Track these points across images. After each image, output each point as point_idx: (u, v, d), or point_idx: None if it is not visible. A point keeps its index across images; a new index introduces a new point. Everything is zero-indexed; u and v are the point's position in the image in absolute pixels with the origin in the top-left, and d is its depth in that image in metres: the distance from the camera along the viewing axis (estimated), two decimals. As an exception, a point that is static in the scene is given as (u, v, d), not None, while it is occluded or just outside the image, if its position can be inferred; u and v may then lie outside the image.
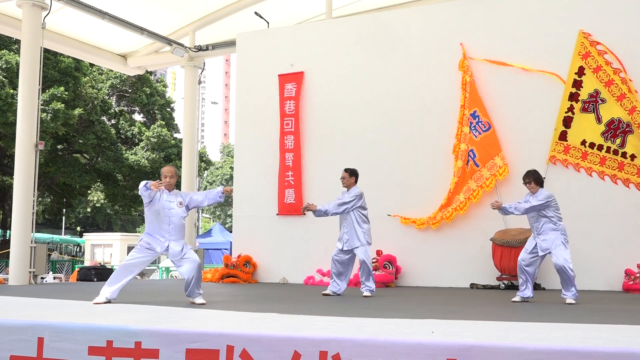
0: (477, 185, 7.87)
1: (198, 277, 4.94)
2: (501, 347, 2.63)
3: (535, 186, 5.51)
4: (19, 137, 8.69)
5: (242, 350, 2.92)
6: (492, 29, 8.15)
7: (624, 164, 7.32)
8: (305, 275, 8.60)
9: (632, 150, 7.31)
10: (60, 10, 9.85)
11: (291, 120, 9.07)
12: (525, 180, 5.58)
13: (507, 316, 4.24)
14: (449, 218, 7.92)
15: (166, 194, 5.09)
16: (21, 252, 8.40)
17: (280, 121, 9.16)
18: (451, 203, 7.92)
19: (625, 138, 7.34)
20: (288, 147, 9.05)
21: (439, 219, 7.95)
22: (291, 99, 9.11)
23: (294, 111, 9.07)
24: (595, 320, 4.01)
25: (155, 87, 21.50)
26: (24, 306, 4.78)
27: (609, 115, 7.41)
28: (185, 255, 4.96)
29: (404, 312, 4.53)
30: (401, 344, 2.75)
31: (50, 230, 28.60)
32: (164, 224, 5.01)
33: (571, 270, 5.24)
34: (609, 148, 7.40)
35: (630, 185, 7.32)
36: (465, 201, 7.87)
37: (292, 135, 9.04)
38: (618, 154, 7.35)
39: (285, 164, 9.03)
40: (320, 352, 2.82)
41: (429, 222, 8.03)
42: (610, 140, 7.38)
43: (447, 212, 7.92)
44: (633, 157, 7.31)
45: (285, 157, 9.05)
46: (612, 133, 7.39)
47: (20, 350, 3.31)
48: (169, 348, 3.04)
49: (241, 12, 10.80)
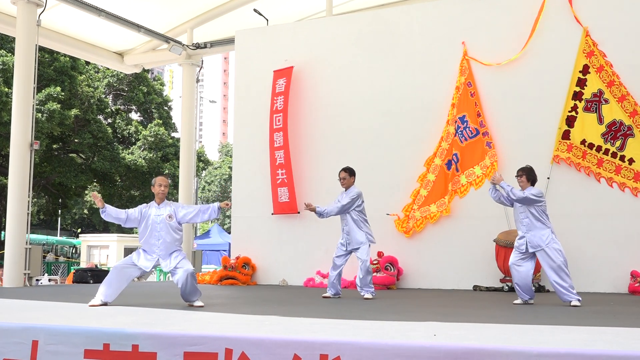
0: (452, 190, 7.86)
1: (192, 284, 4.80)
2: (504, 350, 2.59)
3: (526, 182, 5.46)
4: (14, 136, 8.62)
5: (240, 353, 2.88)
6: (495, 26, 8.10)
7: (621, 168, 7.25)
8: (305, 277, 8.54)
9: (630, 154, 7.23)
10: (55, 7, 9.78)
11: (280, 116, 8.90)
12: (518, 173, 5.52)
13: (511, 319, 4.19)
14: (419, 227, 7.96)
15: (155, 207, 4.93)
16: (16, 254, 8.32)
17: (270, 118, 9.02)
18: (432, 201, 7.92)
19: (625, 141, 7.27)
20: (278, 144, 8.87)
21: (412, 227, 7.98)
22: (280, 95, 8.99)
23: (283, 106, 8.91)
24: (600, 322, 3.98)
25: (152, 85, 21.44)
26: (19, 308, 4.73)
27: (611, 116, 7.35)
28: (177, 266, 4.82)
29: (406, 314, 4.48)
30: (403, 346, 2.71)
31: (45, 231, 28.47)
32: (152, 238, 4.88)
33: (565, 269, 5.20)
34: (607, 150, 7.34)
35: (626, 189, 7.23)
36: (438, 213, 7.88)
37: (282, 131, 8.84)
38: (616, 157, 7.28)
39: (276, 162, 8.88)
40: (320, 355, 2.78)
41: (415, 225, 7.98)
42: (610, 142, 7.32)
43: (419, 220, 7.95)
44: (631, 162, 7.23)
45: (275, 154, 8.89)
46: (612, 135, 7.33)
47: (14, 353, 3.25)
48: (166, 351, 2.99)
49: (240, 9, 10.74)
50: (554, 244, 5.27)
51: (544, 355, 2.52)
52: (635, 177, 7.21)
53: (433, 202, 7.93)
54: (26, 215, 8.47)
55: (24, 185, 8.49)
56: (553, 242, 5.27)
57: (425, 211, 7.94)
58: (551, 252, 5.24)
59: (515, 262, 5.42)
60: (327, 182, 8.23)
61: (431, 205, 7.94)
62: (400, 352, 2.69)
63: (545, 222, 5.34)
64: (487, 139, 7.88)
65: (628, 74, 7.36)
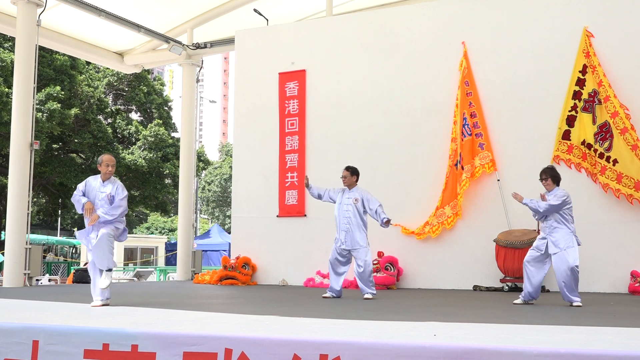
0: (460, 189, 7.85)
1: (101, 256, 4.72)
2: (504, 350, 2.58)
3: (552, 184, 5.34)
4: (14, 136, 8.61)
5: (240, 353, 2.87)
6: (496, 26, 8.10)
7: (606, 169, 7.23)
8: (305, 277, 8.53)
9: (615, 155, 7.21)
10: (55, 7, 9.78)
11: (295, 120, 8.97)
12: (541, 176, 5.37)
13: (511, 319, 4.18)
14: (435, 232, 7.91)
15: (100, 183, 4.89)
16: (16, 254, 8.31)
17: (280, 121, 9.07)
18: (446, 203, 7.89)
19: (612, 142, 7.25)
20: (292, 148, 8.94)
21: (427, 232, 7.96)
22: (294, 98, 9.02)
23: (298, 110, 8.97)
24: (600, 322, 3.96)
25: (152, 85, 21.41)
26: (19, 308, 4.72)
27: (603, 117, 7.34)
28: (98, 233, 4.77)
29: (406, 314, 4.47)
30: (403, 346, 2.70)
31: (45, 231, 28.46)
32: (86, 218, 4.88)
33: (578, 273, 5.17)
34: (595, 150, 7.34)
35: (608, 190, 7.22)
36: (453, 216, 7.85)
37: (297, 135, 8.94)
38: (603, 158, 7.27)
39: (286, 165, 8.93)
40: (320, 355, 2.77)
41: (430, 231, 7.97)
42: (599, 142, 7.31)
43: (435, 226, 7.92)
44: (615, 162, 7.21)
45: (286, 158, 8.96)
46: (602, 136, 7.32)
47: (15, 353, 3.25)
48: (166, 351, 2.98)
49: (240, 9, 10.73)
50: (573, 246, 5.20)
51: (544, 355, 2.51)
52: (618, 178, 7.18)
53: (447, 203, 7.90)
54: (26, 215, 8.46)
55: (24, 185, 8.48)
56: (572, 245, 5.20)
57: (441, 215, 7.91)
58: (568, 255, 5.17)
59: (529, 261, 5.37)
60: (327, 182, 8.21)
61: (445, 208, 7.90)
62: (400, 352, 2.68)
63: (568, 224, 5.25)
64: (481, 140, 7.88)
65: (628, 74, 7.34)
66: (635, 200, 7.14)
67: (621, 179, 7.18)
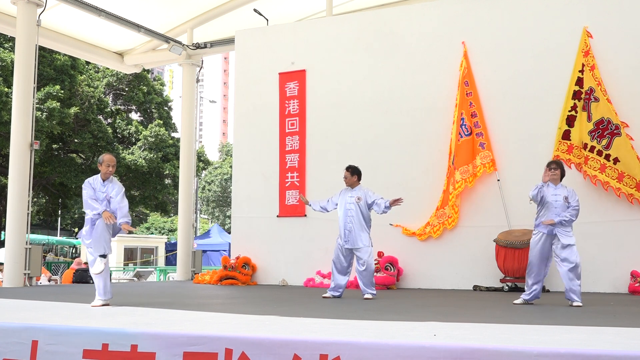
0: (453, 188, 7.84)
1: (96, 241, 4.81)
2: (504, 350, 2.58)
3: (559, 178, 5.36)
4: (14, 136, 8.61)
5: (240, 353, 2.86)
6: (496, 26, 8.09)
7: (606, 166, 7.20)
8: (305, 277, 8.53)
9: (616, 154, 7.18)
10: (55, 7, 9.78)
11: (295, 120, 8.98)
12: (551, 166, 5.34)
13: (511, 319, 4.18)
14: (436, 233, 7.92)
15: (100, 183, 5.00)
16: (16, 254, 8.30)
17: (280, 121, 9.07)
18: (446, 203, 7.89)
19: (612, 140, 7.22)
20: (292, 148, 8.94)
21: (429, 232, 7.96)
22: (294, 98, 9.02)
23: (298, 110, 8.97)
24: (600, 322, 3.96)
25: (152, 85, 21.41)
26: (18, 308, 4.72)
27: (599, 114, 7.30)
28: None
29: (406, 314, 4.46)
30: (403, 346, 2.70)
31: (45, 231, 28.46)
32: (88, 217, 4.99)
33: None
34: (593, 147, 7.29)
35: (609, 189, 7.20)
36: (454, 216, 7.85)
37: (297, 135, 8.94)
38: (602, 155, 7.24)
39: (286, 165, 8.92)
40: (320, 355, 2.76)
41: (432, 231, 7.98)
42: (597, 140, 7.27)
43: (436, 227, 7.92)
44: (616, 161, 7.18)
45: (286, 158, 8.95)
46: (599, 133, 7.27)
47: (14, 353, 3.24)
48: (166, 351, 2.98)
49: (240, 9, 10.73)
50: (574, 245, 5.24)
51: (544, 355, 2.51)
52: (619, 177, 7.16)
53: (447, 204, 7.91)
54: (26, 215, 8.46)
55: (24, 185, 8.48)
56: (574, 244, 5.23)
57: (442, 215, 7.91)
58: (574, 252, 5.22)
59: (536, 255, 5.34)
60: (326, 181, 8.22)
61: (446, 208, 7.90)
62: (400, 352, 2.67)
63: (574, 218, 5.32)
64: (481, 139, 7.87)
65: (628, 74, 7.34)
66: (636, 200, 7.13)
67: (622, 178, 7.16)
